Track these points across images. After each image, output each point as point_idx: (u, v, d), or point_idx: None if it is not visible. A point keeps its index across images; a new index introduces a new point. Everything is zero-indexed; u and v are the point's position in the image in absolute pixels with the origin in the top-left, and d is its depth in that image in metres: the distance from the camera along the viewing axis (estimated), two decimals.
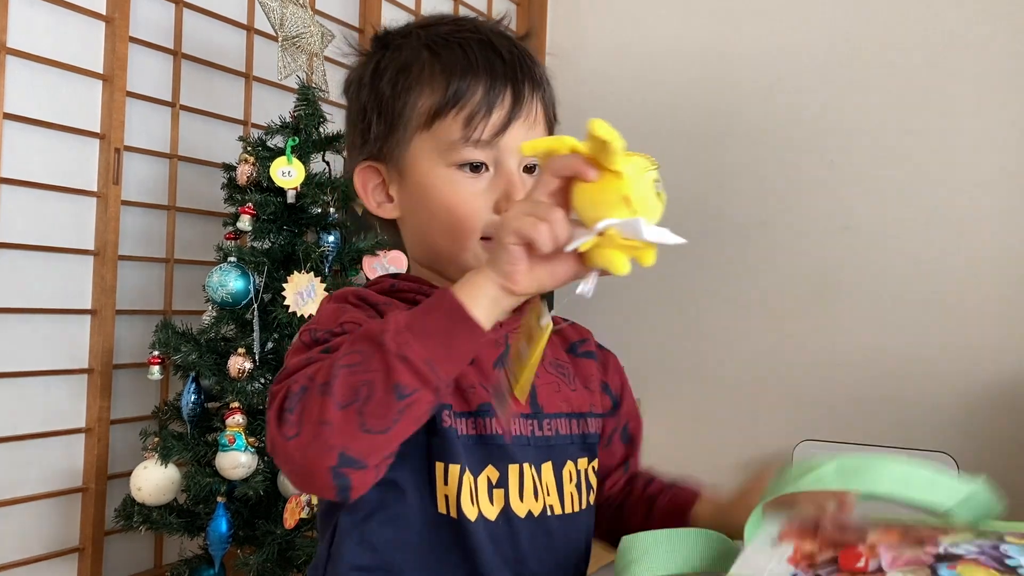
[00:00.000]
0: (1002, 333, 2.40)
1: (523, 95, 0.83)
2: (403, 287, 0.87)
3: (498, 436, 0.81)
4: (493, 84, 0.82)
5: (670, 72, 2.78)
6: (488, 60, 0.83)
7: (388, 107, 0.85)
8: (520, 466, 0.82)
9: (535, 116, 0.84)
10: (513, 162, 0.82)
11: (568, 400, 0.88)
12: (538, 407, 0.85)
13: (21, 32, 1.62)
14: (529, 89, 0.83)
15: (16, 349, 1.63)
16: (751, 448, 2.69)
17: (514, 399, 0.73)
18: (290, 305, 1.60)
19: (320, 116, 1.73)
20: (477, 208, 0.82)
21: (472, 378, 0.82)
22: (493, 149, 0.82)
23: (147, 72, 1.85)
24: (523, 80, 0.83)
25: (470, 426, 0.81)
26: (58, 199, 1.70)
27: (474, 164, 0.82)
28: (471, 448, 0.81)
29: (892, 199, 2.54)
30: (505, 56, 0.83)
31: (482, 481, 0.81)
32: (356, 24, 2.38)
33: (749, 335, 2.71)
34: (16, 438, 1.63)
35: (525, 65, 0.84)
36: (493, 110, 0.81)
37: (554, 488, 0.84)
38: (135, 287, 1.83)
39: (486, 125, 0.81)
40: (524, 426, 0.84)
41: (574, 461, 0.87)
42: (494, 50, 0.84)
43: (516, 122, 0.82)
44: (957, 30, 2.49)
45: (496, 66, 0.83)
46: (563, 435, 0.86)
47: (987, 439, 2.40)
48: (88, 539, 1.72)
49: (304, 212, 1.68)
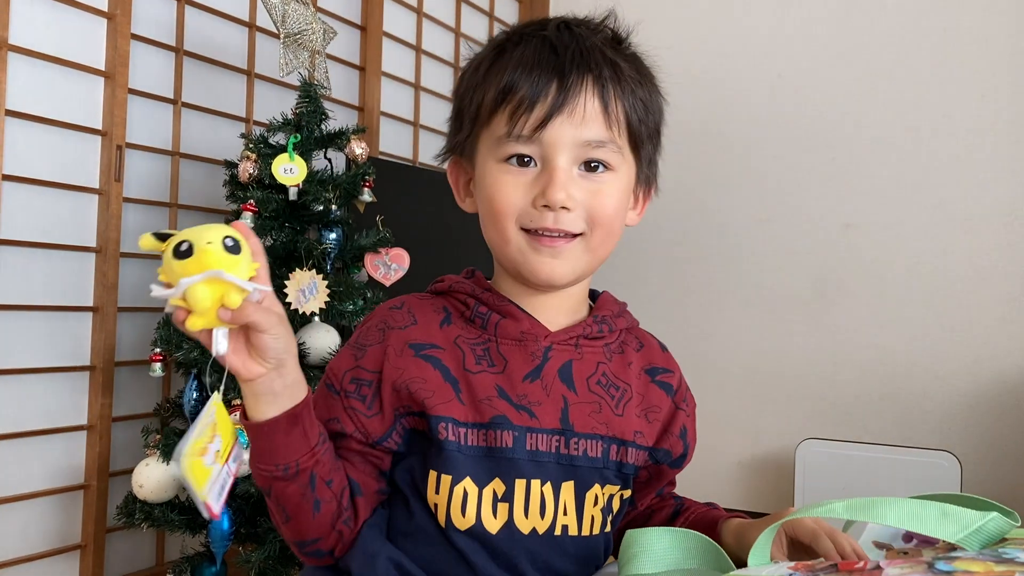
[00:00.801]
0: (1005, 331, 2.40)
1: (569, 90, 0.80)
2: (458, 288, 0.89)
3: (507, 449, 0.80)
4: (539, 78, 0.81)
5: (672, 69, 2.76)
6: (540, 55, 0.82)
7: (462, 104, 0.87)
8: (528, 482, 0.81)
9: (584, 113, 0.81)
10: (559, 157, 0.80)
11: (608, 424, 0.85)
12: (568, 424, 0.83)
13: (23, 29, 1.62)
14: (579, 84, 0.81)
15: (17, 346, 1.63)
16: (753, 447, 2.69)
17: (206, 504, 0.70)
18: (292, 302, 1.60)
19: (322, 113, 1.73)
20: (514, 199, 0.82)
21: (488, 390, 0.82)
22: (537, 144, 0.81)
23: (149, 69, 1.85)
24: (571, 74, 0.81)
25: (480, 438, 0.81)
26: (60, 196, 1.69)
27: (521, 157, 0.82)
28: (478, 460, 0.81)
29: (894, 197, 2.54)
30: (560, 51, 0.82)
31: (487, 493, 0.81)
32: (358, 21, 2.38)
33: (751, 333, 2.70)
34: (18, 435, 1.63)
35: (584, 60, 0.82)
36: (536, 104, 0.80)
37: (573, 508, 0.83)
38: (137, 284, 1.83)
39: (528, 119, 0.80)
40: (548, 442, 0.82)
41: (602, 486, 0.85)
42: (551, 46, 0.82)
43: (559, 117, 0.80)
44: (960, 27, 2.48)
45: (546, 61, 0.81)
46: (592, 457, 0.83)
47: (991, 438, 2.40)
48: (89, 536, 1.72)
49: (306, 209, 1.68)
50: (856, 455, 2.35)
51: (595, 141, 0.81)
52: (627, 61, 0.85)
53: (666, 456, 0.91)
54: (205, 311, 0.68)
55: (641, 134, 0.85)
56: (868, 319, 2.56)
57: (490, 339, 0.85)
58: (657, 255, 2.81)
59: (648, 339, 0.96)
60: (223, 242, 0.68)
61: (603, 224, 0.83)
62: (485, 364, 0.83)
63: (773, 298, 2.68)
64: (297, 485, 0.78)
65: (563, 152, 0.80)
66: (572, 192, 0.80)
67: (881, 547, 0.76)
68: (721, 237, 2.75)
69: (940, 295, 2.48)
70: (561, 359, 0.85)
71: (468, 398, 0.82)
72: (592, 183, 0.82)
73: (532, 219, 0.81)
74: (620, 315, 0.92)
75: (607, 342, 0.89)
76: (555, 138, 0.80)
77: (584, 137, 0.81)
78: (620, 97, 0.83)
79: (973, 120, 2.46)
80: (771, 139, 2.70)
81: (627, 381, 0.88)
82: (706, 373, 2.75)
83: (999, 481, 2.37)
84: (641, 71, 0.87)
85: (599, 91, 0.82)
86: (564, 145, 0.80)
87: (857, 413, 2.55)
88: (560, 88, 0.80)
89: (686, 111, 2.76)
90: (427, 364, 0.83)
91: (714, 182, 2.75)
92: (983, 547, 0.63)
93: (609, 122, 0.82)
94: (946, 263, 2.48)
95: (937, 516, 0.64)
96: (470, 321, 0.86)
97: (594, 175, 0.82)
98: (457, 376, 0.83)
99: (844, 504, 0.67)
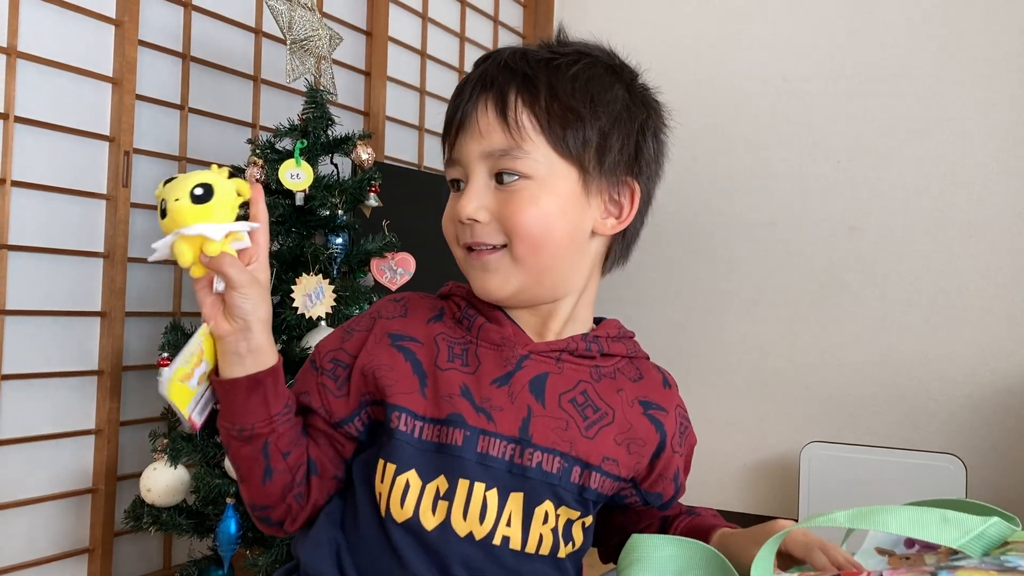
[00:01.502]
0: (1011, 334, 2.40)
1: (466, 106, 0.83)
2: (456, 292, 0.91)
3: (456, 447, 0.80)
4: (456, 101, 0.84)
5: (677, 73, 2.78)
6: (467, 79, 0.85)
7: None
8: (472, 483, 0.80)
9: (479, 125, 0.81)
10: (472, 174, 0.83)
11: (573, 443, 0.82)
12: (527, 435, 0.81)
13: (31, 36, 1.63)
14: (475, 99, 0.82)
15: (26, 351, 1.64)
16: (758, 449, 2.69)
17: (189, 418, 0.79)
18: (299, 307, 1.61)
19: (328, 119, 1.74)
20: (449, 218, 0.86)
21: (452, 388, 0.82)
22: (458, 164, 0.84)
23: (156, 75, 1.86)
24: (469, 92, 0.83)
25: (433, 433, 0.81)
26: (68, 201, 1.70)
27: (454, 181, 0.86)
28: (427, 454, 0.81)
29: (899, 200, 2.54)
30: (479, 73, 0.84)
31: (430, 489, 0.80)
32: (363, 27, 2.39)
33: (756, 336, 2.71)
34: (26, 439, 1.64)
35: (486, 78, 0.83)
36: (451, 129, 0.85)
37: (519, 521, 0.81)
38: (144, 289, 1.84)
39: (447, 142, 0.85)
40: (502, 448, 0.81)
41: (556, 506, 0.82)
42: (477, 67, 0.86)
43: (462, 135, 0.83)
44: (964, 31, 2.49)
45: (466, 84, 0.85)
46: (547, 472, 0.81)
47: (996, 441, 2.39)
48: (97, 540, 1.73)
49: (312, 214, 1.69)
50: (861, 458, 2.35)
51: (498, 151, 0.81)
52: (548, 71, 0.82)
53: (658, 499, 0.91)
54: (189, 264, 0.73)
55: (566, 137, 0.81)
56: (873, 322, 2.56)
57: (472, 341, 0.85)
58: (662, 258, 2.82)
59: (652, 373, 0.92)
60: (191, 193, 0.71)
61: (521, 233, 0.81)
62: (459, 363, 0.84)
63: (778, 301, 2.68)
64: (251, 448, 0.81)
65: (474, 167, 0.82)
66: (484, 203, 0.81)
67: (883, 553, 0.76)
68: (726, 240, 2.75)
69: (945, 298, 2.48)
70: (536, 370, 0.84)
71: (432, 393, 0.82)
72: (504, 192, 0.81)
73: (460, 235, 0.85)
74: (619, 340, 0.90)
75: (597, 363, 0.87)
76: (461, 155, 0.83)
77: (484, 148, 0.81)
78: (526, 104, 0.81)
79: (977, 123, 2.46)
80: (776, 143, 2.70)
81: (611, 405, 0.86)
82: (711, 376, 2.75)
83: (1004, 484, 2.36)
84: (576, 78, 0.83)
85: (496, 102, 0.81)
86: (472, 160, 0.82)
87: (862, 416, 2.55)
88: (458, 107, 0.84)
89: (692, 115, 2.77)
90: (399, 354, 0.84)
91: (719, 186, 2.76)
92: (985, 552, 0.63)
93: (509, 129, 0.81)
94: (951, 266, 2.48)
95: (938, 522, 0.64)
96: (459, 322, 0.87)
97: (506, 185, 0.81)
98: (428, 371, 0.83)
99: (846, 513, 0.67)
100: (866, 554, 0.77)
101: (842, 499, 2.29)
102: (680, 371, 3.05)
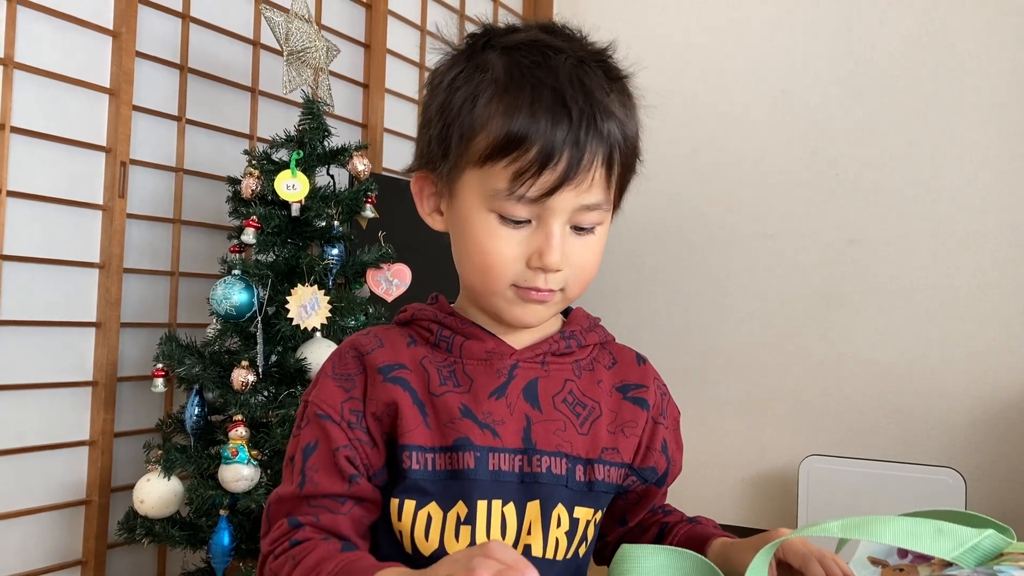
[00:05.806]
0: (1009, 347, 2.39)
1: (582, 161, 0.76)
2: (421, 316, 0.87)
3: (470, 471, 0.79)
4: (551, 143, 0.75)
5: (676, 86, 2.78)
6: (553, 114, 0.76)
7: (450, 129, 0.81)
8: (489, 503, 0.80)
9: (591, 181, 0.77)
10: (556, 222, 0.78)
11: (572, 443, 0.83)
12: (531, 443, 0.82)
13: (28, 47, 1.63)
14: (591, 154, 0.76)
15: (21, 361, 1.64)
16: (757, 463, 2.68)
17: None
18: (294, 318, 1.61)
19: (325, 130, 1.74)
20: (510, 259, 0.79)
21: (452, 412, 0.81)
22: (538, 206, 0.77)
23: (153, 86, 1.86)
24: (586, 144, 0.76)
25: (444, 461, 0.80)
26: (64, 212, 1.70)
27: (516, 220, 0.78)
28: (444, 484, 0.80)
29: (898, 212, 2.54)
30: (574, 113, 0.76)
31: (451, 517, 0.80)
32: (361, 39, 2.39)
33: (755, 348, 2.70)
34: (20, 450, 1.63)
35: (594, 124, 0.77)
36: (544, 171, 0.76)
37: (539, 528, 0.81)
38: (140, 300, 1.84)
39: (534, 184, 0.76)
40: (511, 462, 0.81)
41: (568, 507, 0.83)
42: (564, 103, 0.76)
43: (567, 187, 0.76)
44: (963, 44, 2.49)
45: (560, 123, 0.76)
46: (557, 475, 0.82)
47: (995, 454, 2.39)
48: (91, 552, 1.72)
49: (308, 225, 1.69)
50: (860, 471, 2.34)
51: (593, 204, 0.79)
52: (621, 102, 0.80)
53: (652, 474, 0.90)
54: None
55: (628, 182, 0.82)
56: (872, 335, 2.55)
57: (456, 360, 0.84)
58: (661, 270, 2.81)
59: (623, 354, 0.93)
60: None
61: (585, 279, 0.82)
62: (451, 384, 0.83)
63: (777, 314, 2.68)
64: None
65: (558, 216, 0.78)
66: (566, 253, 0.79)
67: (876, 563, 0.75)
68: (725, 252, 2.75)
69: (944, 311, 2.47)
70: (526, 377, 0.84)
71: (434, 421, 0.81)
72: (581, 240, 0.80)
73: (526, 279, 0.80)
74: (591, 330, 0.90)
75: (576, 359, 0.88)
76: (559, 205, 0.77)
77: (583, 202, 0.78)
78: (622, 157, 0.79)
79: (976, 136, 2.46)
80: (775, 155, 2.70)
81: (596, 399, 0.86)
82: (710, 389, 2.75)
83: (1003, 497, 2.35)
84: (627, 105, 0.81)
85: (605, 156, 0.78)
86: (565, 211, 0.78)
87: (861, 429, 2.55)
88: (571, 158, 0.76)
89: (691, 127, 2.77)
90: (396, 387, 0.82)
91: (718, 198, 2.76)
92: (979, 564, 0.63)
93: (610, 185, 0.79)
94: (950, 279, 2.47)
95: (932, 533, 0.64)
96: (435, 346, 0.85)
97: (584, 233, 0.80)
98: (424, 399, 0.82)
99: (839, 524, 0.66)
100: (859, 563, 0.76)
101: (841, 512, 2.28)
102: (679, 384, 3.05)
